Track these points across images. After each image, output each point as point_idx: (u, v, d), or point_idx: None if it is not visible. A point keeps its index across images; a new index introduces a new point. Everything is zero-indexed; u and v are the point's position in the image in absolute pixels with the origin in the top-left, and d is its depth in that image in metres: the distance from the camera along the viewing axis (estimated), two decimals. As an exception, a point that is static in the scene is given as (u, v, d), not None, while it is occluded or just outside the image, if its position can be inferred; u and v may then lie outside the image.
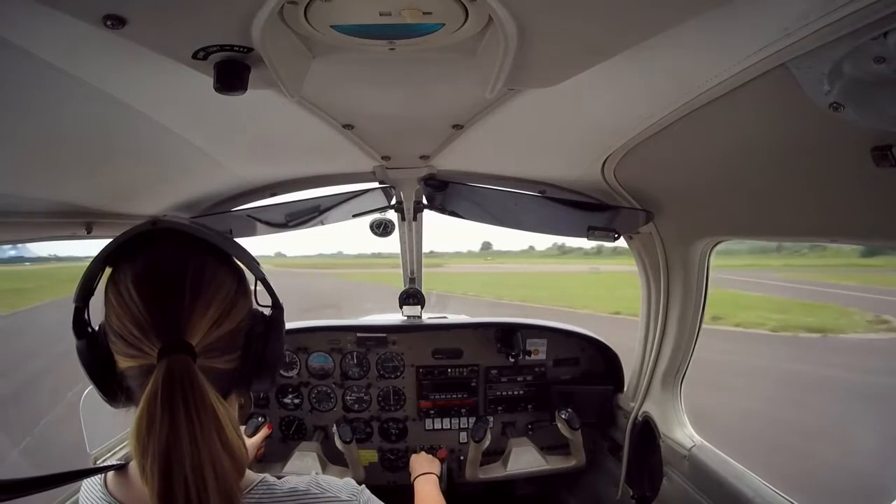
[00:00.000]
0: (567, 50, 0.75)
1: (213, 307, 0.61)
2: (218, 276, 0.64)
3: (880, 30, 0.61)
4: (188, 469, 0.53)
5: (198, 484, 0.53)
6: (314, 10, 0.64)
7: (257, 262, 0.70)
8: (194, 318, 0.59)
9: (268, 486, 0.66)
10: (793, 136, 0.91)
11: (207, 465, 0.53)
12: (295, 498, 0.65)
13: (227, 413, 0.57)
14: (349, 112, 1.15)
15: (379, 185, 1.78)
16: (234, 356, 0.65)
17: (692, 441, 1.63)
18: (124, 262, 0.63)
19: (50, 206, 1.23)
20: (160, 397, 0.54)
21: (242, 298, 0.67)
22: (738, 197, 1.22)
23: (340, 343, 2.14)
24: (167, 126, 1.08)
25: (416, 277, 2.20)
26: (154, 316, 0.59)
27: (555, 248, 40.59)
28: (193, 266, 0.63)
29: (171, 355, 0.56)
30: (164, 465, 0.52)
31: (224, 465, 0.55)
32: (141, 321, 0.59)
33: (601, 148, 1.34)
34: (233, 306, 0.64)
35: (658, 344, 1.74)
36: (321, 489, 0.68)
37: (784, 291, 15.26)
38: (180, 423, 0.53)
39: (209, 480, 0.53)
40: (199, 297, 0.61)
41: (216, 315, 0.62)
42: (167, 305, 0.60)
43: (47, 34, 0.66)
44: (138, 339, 0.59)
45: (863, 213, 0.92)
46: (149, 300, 0.59)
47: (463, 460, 2.10)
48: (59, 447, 3.95)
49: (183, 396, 0.54)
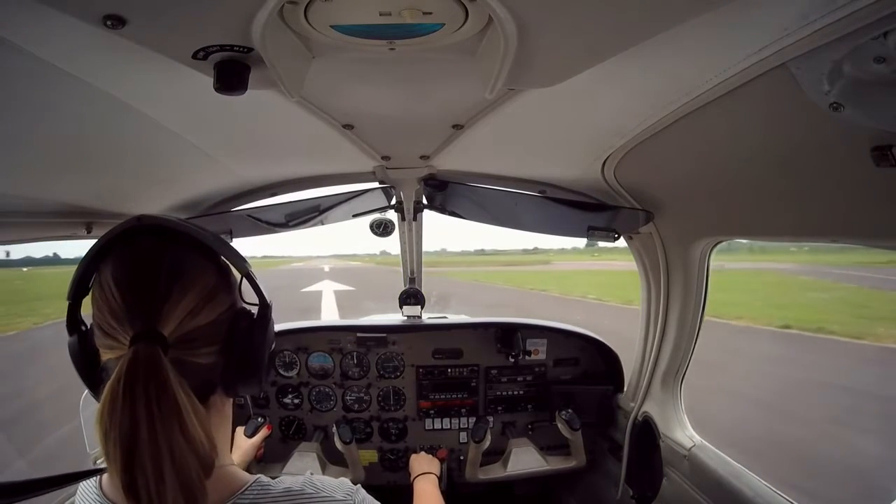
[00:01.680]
0: (567, 50, 0.75)
1: (188, 297, 0.61)
2: (197, 268, 0.64)
3: (880, 30, 0.61)
4: (147, 458, 0.52)
5: (156, 474, 0.52)
6: (314, 10, 0.64)
7: (244, 259, 0.70)
8: (168, 306, 0.59)
9: (262, 487, 0.66)
10: (793, 136, 0.91)
11: (166, 455, 0.53)
12: (290, 498, 0.65)
13: (192, 406, 0.56)
14: (349, 112, 1.15)
15: (379, 185, 1.78)
16: (213, 350, 0.64)
17: (692, 441, 1.63)
18: (108, 258, 0.63)
19: (50, 206, 1.23)
20: (122, 384, 0.54)
21: (224, 293, 0.66)
22: (738, 197, 1.22)
23: (340, 343, 2.14)
24: (167, 126, 1.08)
25: (417, 277, 2.20)
26: (129, 305, 0.59)
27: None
28: (171, 257, 0.63)
29: (140, 343, 0.56)
30: (125, 452, 0.53)
31: (185, 459, 0.54)
32: (117, 311, 0.59)
33: (601, 148, 1.34)
34: (211, 299, 0.64)
35: (658, 344, 1.74)
36: (316, 489, 0.68)
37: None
38: (140, 411, 0.53)
39: (167, 472, 0.52)
40: (174, 287, 0.60)
41: (192, 305, 0.61)
42: (142, 295, 0.60)
43: (47, 34, 0.66)
44: (114, 329, 0.59)
45: (863, 213, 0.92)
46: (125, 290, 0.60)
47: (463, 460, 2.10)
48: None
49: (145, 385, 0.54)
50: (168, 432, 0.53)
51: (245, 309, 0.70)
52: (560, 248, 41.22)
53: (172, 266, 0.62)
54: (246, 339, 0.67)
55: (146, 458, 0.52)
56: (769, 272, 21.45)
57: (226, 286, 0.67)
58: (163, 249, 0.64)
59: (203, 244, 0.66)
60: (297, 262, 62.88)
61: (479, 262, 29.57)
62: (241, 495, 0.64)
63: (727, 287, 14.45)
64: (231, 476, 0.67)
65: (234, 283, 0.69)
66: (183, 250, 0.65)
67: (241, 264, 0.69)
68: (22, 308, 13.68)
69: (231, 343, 0.65)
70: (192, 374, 0.60)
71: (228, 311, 0.66)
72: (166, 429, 0.53)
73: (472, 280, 26.51)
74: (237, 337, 0.66)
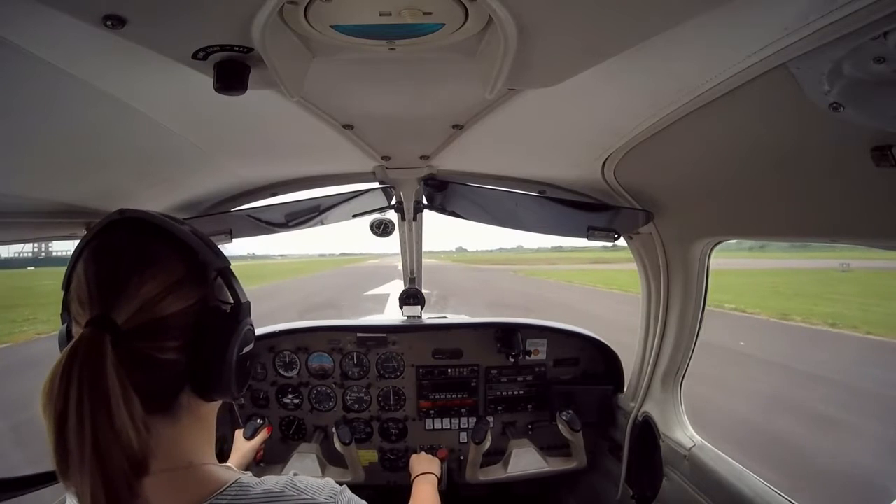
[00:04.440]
0: (567, 50, 0.75)
1: (148, 286, 0.59)
2: (162, 258, 0.63)
3: (880, 30, 0.61)
4: (73, 441, 0.52)
5: (80, 458, 0.52)
6: (314, 10, 0.64)
7: (223, 256, 0.68)
8: (125, 293, 0.58)
9: (241, 488, 0.63)
10: (793, 136, 0.91)
11: (88, 447, 0.52)
12: (269, 500, 0.63)
13: (125, 399, 0.54)
14: (349, 112, 1.15)
15: (379, 185, 1.78)
16: (177, 346, 0.62)
17: (692, 441, 1.63)
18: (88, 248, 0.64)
19: (50, 206, 1.23)
20: (62, 369, 0.54)
21: (191, 286, 0.64)
22: (738, 197, 1.22)
23: (340, 343, 2.14)
24: (167, 126, 1.08)
25: (417, 277, 2.20)
26: (90, 290, 0.59)
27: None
28: (137, 247, 0.63)
29: (88, 328, 0.56)
30: (56, 432, 0.52)
31: (109, 450, 0.53)
32: (83, 298, 0.59)
33: (601, 148, 1.34)
34: (174, 290, 0.61)
35: (658, 344, 1.74)
36: (297, 491, 0.66)
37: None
38: (72, 393, 0.52)
39: (87, 458, 0.52)
40: (133, 274, 0.59)
41: (152, 294, 0.59)
42: (102, 280, 0.60)
43: (47, 34, 0.66)
44: (80, 315, 0.59)
45: (863, 213, 0.92)
46: (91, 276, 0.60)
47: (463, 460, 2.10)
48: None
49: (80, 369, 0.53)
50: (93, 422, 0.52)
51: (217, 307, 0.66)
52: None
53: (136, 255, 0.62)
54: (212, 336, 0.64)
55: (72, 442, 0.52)
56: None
57: (195, 280, 0.64)
58: (130, 239, 0.63)
59: (176, 237, 0.65)
60: (372, 259, 61.62)
61: (560, 259, 27.48)
62: (218, 496, 0.62)
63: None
64: (209, 475, 0.64)
65: (207, 280, 0.66)
66: (151, 241, 0.64)
67: (217, 262, 0.67)
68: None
69: (196, 340, 0.63)
70: (153, 369, 0.59)
71: (196, 307, 0.63)
72: (92, 418, 0.52)
73: (562, 281, 23.78)
74: (202, 334, 0.63)
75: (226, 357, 0.65)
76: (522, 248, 52.06)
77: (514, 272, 29.50)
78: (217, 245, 0.70)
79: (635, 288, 1.86)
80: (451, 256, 34.85)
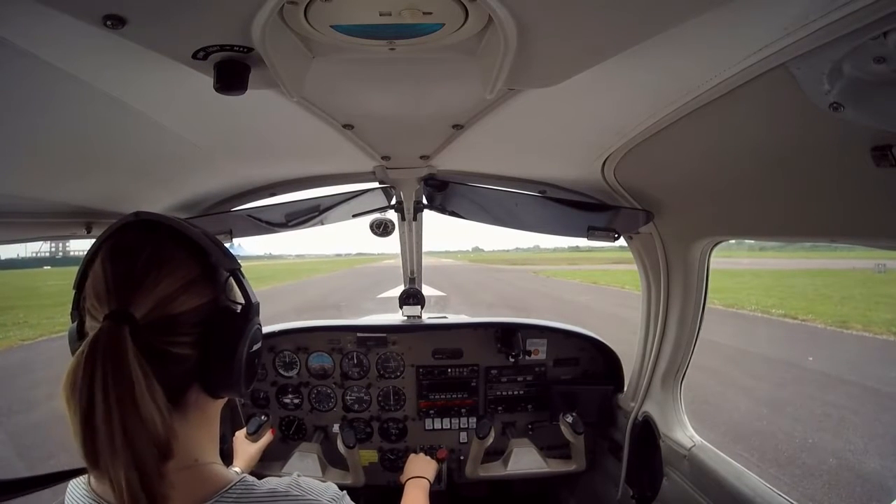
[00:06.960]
0: (567, 50, 0.75)
1: (164, 283, 0.62)
2: (177, 258, 0.65)
3: (880, 30, 0.61)
4: (102, 432, 0.53)
5: (111, 448, 0.53)
6: (314, 10, 0.64)
7: (234, 258, 0.70)
8: (142, 290, 0.61)
9: (246, 487, 0.65)
10: (793, 136, 0.91)
11: (118, 431, 0.53)
12: (274, 499, 0.65)
13: (149, 388, 0.56)
14: (349, 112, 1.15)
15: (379, 185, 1.78)
16: (189, 341, 0.64)
17: (692, 441, 1.63)
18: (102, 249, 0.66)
19: (50, 206, 1.23)
20: (84, 360, 0.55)
21: (203, 285, 0.66)
22: (738, 197, 1.22)
23: (340, 343, 2.14)
24: (167, 126, 1.08)
25: (417, 277, 2.20)
26: (108, 286, 0.61)
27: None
28: (153, 247, 0.65)
29: (107, 321, 0.58)
30: (83, 424, 0.54)
31: (139, 436, 0.54)
32: (100, 293, 0.61)
33: (601, 148, 1.34)
34: (189, 289, 0.64)
35: (658, 344, 1.74)
36: (301, 491, 0.68)
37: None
38: (97, 385, 0.54)
39: (118, 447, 0.53)
40: (150, 272, 0.62)
41: (167, 291, 0.62)
42: (120, 277, 0.62)
43: (47, 34, 0.66)
44: (95, 310, 0.61)
45: (863, 213, 0.92)
46: (108, 273, 0.62)
47: (463, 460, 2.10)
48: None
49: (103, 360, 0.55)
50: (121, 413, 0.54)
51: (229, 306, 0.69)
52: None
53: (152, 254, 0.64)
54: (223, 334, 0.66)
55: (101, 431, 0.53)
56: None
57: (208, 280, 0.67)
58: (146, 239, 0.66)
59: (190, 239, 0.67)
60: (388, 259, 60.92)
61: (579, 259, 25.92)
62: (224, 494, 0.64)
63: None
64: (215, 474, 0.66)
65: (219, 280, 0.69)
66: (166, 242, 0.66)
67: (228, 263, 0.70)
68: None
69: (207, 337, 0.65)
70: (167, 363, 0.61)
71: (209, 305, 0.66)
72: (120, 409, 0.54)
73: (586, 281, 22.25)
74: (214, 331, 0.66)
75: (236, 354, 0.67)
76: (539, 247, 52.37)
77: (534, 273, 28.15)
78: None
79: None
80: (468, 256, 34.72)
